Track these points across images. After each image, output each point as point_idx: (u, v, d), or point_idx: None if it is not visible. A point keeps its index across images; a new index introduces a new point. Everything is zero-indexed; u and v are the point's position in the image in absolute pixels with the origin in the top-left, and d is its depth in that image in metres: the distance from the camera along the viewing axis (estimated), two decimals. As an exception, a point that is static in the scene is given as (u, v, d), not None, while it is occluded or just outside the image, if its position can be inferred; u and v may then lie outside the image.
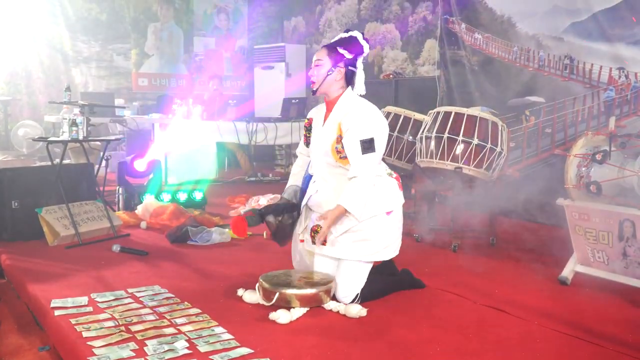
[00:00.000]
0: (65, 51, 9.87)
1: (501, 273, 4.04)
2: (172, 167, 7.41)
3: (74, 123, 4.61)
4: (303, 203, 3.33)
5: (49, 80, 9.70)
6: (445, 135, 4.60)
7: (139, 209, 5.43)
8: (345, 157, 3.11)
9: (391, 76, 8.58)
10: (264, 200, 6.04)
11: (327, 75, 3.16)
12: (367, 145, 3.04)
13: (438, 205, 5.66)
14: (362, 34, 3.24)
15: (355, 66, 3.21)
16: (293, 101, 8.66)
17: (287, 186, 3.47)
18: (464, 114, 4.63)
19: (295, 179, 3.47)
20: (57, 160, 4.67)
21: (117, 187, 5.73)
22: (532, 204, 5.12)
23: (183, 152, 7.45)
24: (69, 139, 4.64)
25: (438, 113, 4.78)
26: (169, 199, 5.78)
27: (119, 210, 5.60)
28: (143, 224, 5.22)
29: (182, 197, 5.87)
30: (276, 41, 11.03)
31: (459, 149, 4.57)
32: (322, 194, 3.24)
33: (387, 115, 5.56)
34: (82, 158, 5.96)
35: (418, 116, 5.47)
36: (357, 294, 3.18)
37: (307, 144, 3.40)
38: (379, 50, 9.21)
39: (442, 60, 7.24)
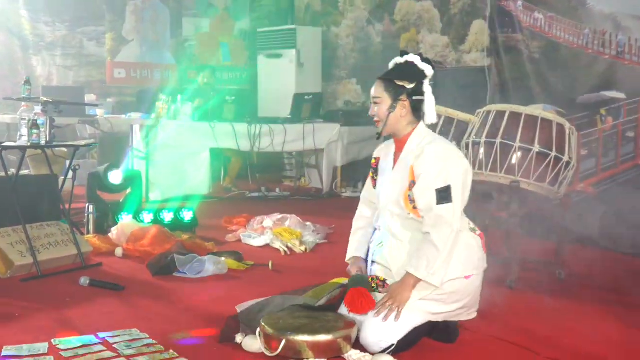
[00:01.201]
0: (24, 36, 9.98)
1: (571, 317, 3.97)
2: (155, 179, 7.45)
3: (34, 125, 4.62)
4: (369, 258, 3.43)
5: (3, 71, 9.80)
6: (498, 140, 4.58)
7: (114, 232, 5.42)
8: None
9: (429, 66, 8.58)
10: (269, 222, 6.03)
11: (389, 113, 3.28)
12: (443, 194, 3.11)
13: (489, 229, 5.60)
14: (420, 55, 3.32)
15: (421, 93, 3.28)
16: (306, 97, 8.68)
17: (350, 251, 3.52)
18: (521, 114, 4.61)
19: (357, 242, 3.52)
20: (13, 171, 4.68)
21: (87, 204, 5.74)
22: (611, 228, 5.08)
23: (169, 161, 7.49)
24: (28, 144, 4.65)
25: (489, 113, 4.77)
26: (151, 219, 5.78)
27: (88, 233, 5.60)
28: (118, 251, 5.21)
29: (168, 217, 5.87)
30: (285, 23, 11.07)
31: (516, 158, 4.55)
32: (389, 249, 3.30)
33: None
34: (44, 168, 5.97)
35: (463, 116, 5.43)
36: (393, 344, 3.14)
37: (375, 187, 3.48)
38: (413, 34, 9.21)
39: (493, 46, 7.22)
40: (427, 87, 3.30)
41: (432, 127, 5.33)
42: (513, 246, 4.67)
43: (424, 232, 3.13)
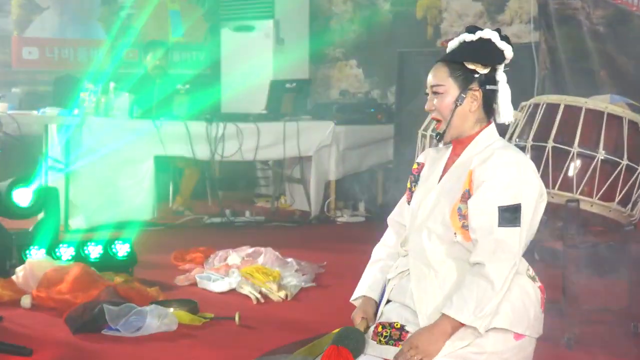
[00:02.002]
0: None
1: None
2: (78, 200, 7.43)
3: None
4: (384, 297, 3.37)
5: None
6: (550, 144, 4.59)
7: (19, 274, 5.39)
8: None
9: (456, 43, 8.61)
10: (236, 259, 6.02)
11: (456, 106, 3.27)
12: (510, 215, 3.10)
13: (538, 265, 5.58)
14: (499, 30, 3.33)
15: (495, 82, 3.31)
16: (288, 86, 8.69)
17: (360, 288, 3.45)
18: (581, 108, 4.62)
19: (372, 278, 3.46)
20: None
21: (-17, 235, 5.71)
22: None
23: (97, 174, 7.48)
24: None
25: (537, 106, 4.78)
26: (72, 256, 5.74)
27: (-16, 275, 5.57)
28: (26, 300, 5.17)
29: (95, 252, 5.84)
30: (258, -16, 11.10)
31: (574, 168, 4.56)
32: (418, 281, 3.25)
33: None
34: None
35: (502, 112, 5.45)
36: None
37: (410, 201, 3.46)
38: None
39: (542, 16, 7.25)
40: (501, 74, 3.31)
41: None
42: (571, 289, 4.67)
43: (473, 261, 3.10)
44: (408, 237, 3.36)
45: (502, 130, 5.24)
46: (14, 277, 5.41)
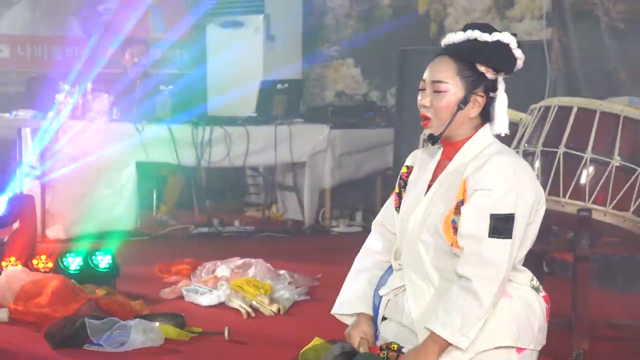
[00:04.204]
0: None
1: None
2: (55, 209, 7.48)
3: None
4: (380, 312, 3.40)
5: None
6: (561, 150, 4.64)
7: (-5, 286, 5.47)
8: None
9: (461, 41, 8.66)
10: (225, 271, 6.07)
11: (459, 108, 3.26)
12: (501, 225, 3.11)
13: (548, 278, 5.63)
14: (515, 35, 3.33)
15: (496, 89, 3.33)
16: (279, 87, 8.73)
17: (348, 303, 3.46)
18: (595, 111, 4.65)
19: (360, 292, 3.45)
20: None
21: (-46, 245, 5.79)
22: None
23: (76, 181, 7.53)
24: None
25: (547, 109, 4.81)
26: (51, 268, 5.81)
27: (-44, 288, 5.64)
28: (2, 314, 5.23)
29: (74, 264, 5.89)
30: (247, -24, 11.14)
31: (586, 175, 4.59)
32: (415, 298, 3.29)
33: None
34: None
35: (511, 114, 5.49)
36: None
37: (399, 207, 3.48)
38: (438, -7, 9.30)
39: (556, 11, 7.30)
40: (502, 83, 3.32)
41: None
42: (582, 303, 4.68)
43: (459, 273, 3.11)
44: (400, 249, 3.36)
45: (511, 133, 5.32)
46: (-11, 290, 5.49)
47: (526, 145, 4.81)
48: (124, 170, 7.77)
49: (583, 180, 4.59)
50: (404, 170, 3.48)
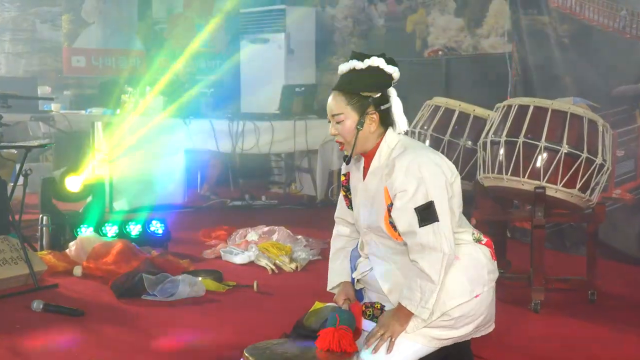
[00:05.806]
0: (-33, 18, 9.98)
1: (605, 345, 3.99)
2: (120, 186, 7.45)
3: (-23, 123, 4.64)
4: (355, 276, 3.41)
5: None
6: (521, 139, 4.61)
7: (72, 248, 5.44)
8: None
9: (440, 53, 8.58)
10: (254, 236, 6.04)
11: (358, 130, 3.19)
12: (426, 213, 3.05)
13: (510, 242, 5.60)
14: (383, 55, 3.27)
15: (387, 100, 3.24)
16: (297, 90, 8.68)
17: (333, 277, 3.49)
18: (547, 109, 4.63)
19: (340, 266, 3.49)
20: (-46, 177, 4.69)
21: (40, 215, 5.75)
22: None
23: (137, 164, 7.48)
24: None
25: (510, 107, 4.78)
26: (116, 233, 5.79)
27: (42, 249, 5.60)
28: (77, 270, 5.23)
29: (135, 230, 5.89)
30: (273, 2, 11.09)
31: (541, 160, 4.57)
32: (381, 273, 3.28)
33: (435, 110, 5.55)
34: (-11, 173, 5.98)
35: (480, 112, 5.45)
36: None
37: (351, 207, 3.44)
38: (422, 15, 9.24)
39: (515, 29, 7.23)
40: (392, 90, 3.25)
41: (444, 127, 5.38)
42: (538, 262, 4.65)
43: (411, 259, 3.09)
44: (362, 242, 3.35)
45: (480, 127, 5.25)
46: (67, 251, 5.48)
47: (493, 136, 4.81)
48: (175, 155, 7.73)
49: (538, 164, 4.60)
50: (342, 178, 3.43)
